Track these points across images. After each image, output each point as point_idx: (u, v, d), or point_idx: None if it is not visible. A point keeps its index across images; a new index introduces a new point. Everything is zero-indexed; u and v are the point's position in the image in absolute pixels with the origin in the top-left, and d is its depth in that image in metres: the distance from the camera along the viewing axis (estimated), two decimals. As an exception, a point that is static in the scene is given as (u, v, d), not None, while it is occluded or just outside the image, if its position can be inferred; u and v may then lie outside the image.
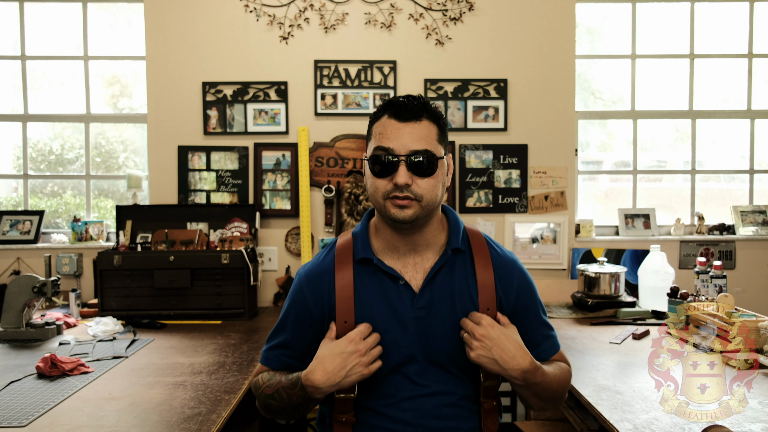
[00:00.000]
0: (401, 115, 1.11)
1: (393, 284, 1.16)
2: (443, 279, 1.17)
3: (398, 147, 1.09)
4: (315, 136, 2.98)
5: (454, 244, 1.18)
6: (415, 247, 1.18)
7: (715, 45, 3.20)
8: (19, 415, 1.42)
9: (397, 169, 1.09)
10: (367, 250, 1.18)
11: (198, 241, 2.73)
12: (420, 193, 1.10)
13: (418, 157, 1.09)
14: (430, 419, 1.15)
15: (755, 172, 3.23)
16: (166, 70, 2.96)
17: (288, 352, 1.23)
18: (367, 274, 1.18)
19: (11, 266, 2.98)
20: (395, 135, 1.10)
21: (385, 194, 1.11)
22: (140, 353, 2.00)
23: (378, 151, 1.11)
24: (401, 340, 1.15)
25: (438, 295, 1.16)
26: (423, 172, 1.10)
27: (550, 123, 3.01)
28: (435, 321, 1.15)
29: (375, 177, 1.12)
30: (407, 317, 1.15)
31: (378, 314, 1.15)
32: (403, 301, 1.15)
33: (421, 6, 2.95)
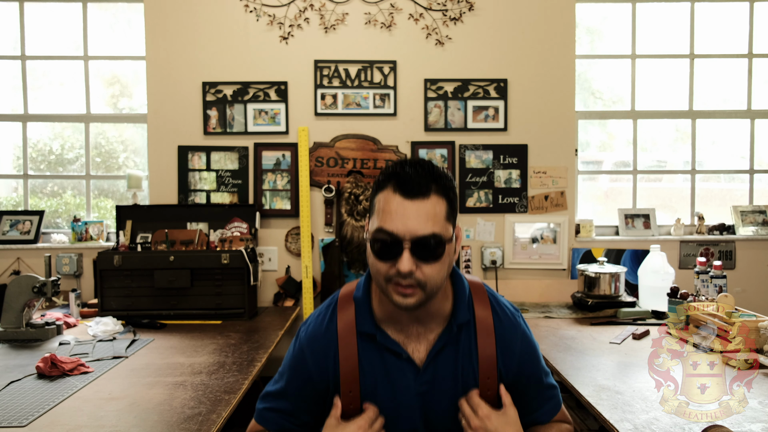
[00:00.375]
0: (407, 191, 1.00)
1: (396, 359, 1.12)
2: (447, 355, 1.13)
3: (402, 231, 0.99)
4: (315, 136, 2.98)
5: (460, 319, 1.12)
6: (418, 319, 1.13)
7: (715, 45, 3.20)
8: (19, 415, 1.42)
9: (400, 255, 0.99)
10: (370, 324, 1.13)
11: (198, 241, 2.73)
12: (424, 280, 1.01)
13: (424, 242, 0.99)
14: None
15: (755, 172, 3.23)
16: (166, 70, 2.96)
17: (287, 417, 1.19)
18: (369, 347, 1.13)
19: (11, 266, 2.98)
20: (400, 215, 1.00)
21: (387, 278, 1.02)
22: (140, 353, 2.00)
23: (380, 234, 1.01)
24: (403, 415, 1.13)
25: (441, 371, 1.12)
26: (429, 258, 1.00)
27: (550, 123, 3.01)
28: (437, 398, 1.12)
29: (377, 259, 1.03)
30: (410, 393, 1.12)
31: (381, 388, 1.12)
32: (405, 377, 1.12)
33: (421, 6, 2.95)
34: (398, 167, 1.04)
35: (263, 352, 2.02)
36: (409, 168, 1.02)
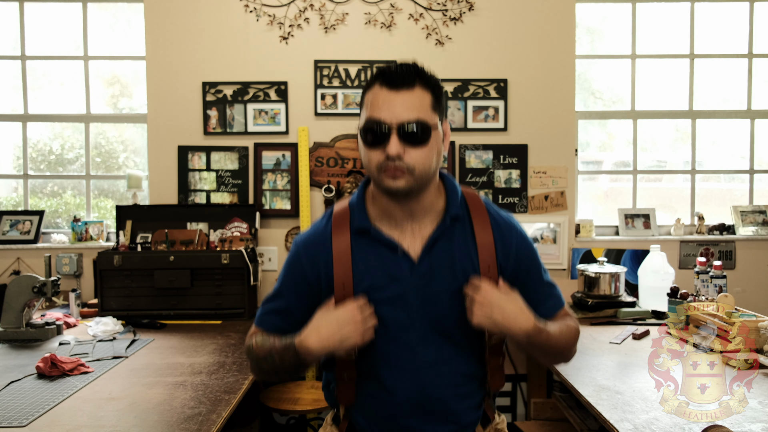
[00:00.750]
0: (392, 84, 1.09)
1: (391, 253, 1.15)
2: (442, 247, 1.16)
3: (389, 117, 1.07)
4: (315, 136, 2.98)
5: (453, 211, 1.17)
6: (412, 215, 1.16)
7: (715, 45, 3.20)
8: (19, 415, 1.42)
9: (388, 140, 1.06)
10: (364, 219, 1.17)
11: (198, 241, 2.73)
12: (412, 164, 1.08)
13: (410, 127, 1.07)
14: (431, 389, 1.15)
15: (755, 172, 3.23)
16: (166, 70, 2.96)
17: (283, 317, 1.22)
18: (364, 243, 1.17)
19: (11, 266, 2.98)
20: (386, 105, 1.08)
21: (378, 165, 1.09)
22: (140, 353, 2.00)
23: (369, 122, 1.08)
24: (401, 308, 1.15)
25: (437, 262, 1.15)
26: (415, 142, 1.07)
27: (550, 123, 3.01)
28: (435, 288, 1.15)
29: (367, 148, 1.10)
30: (406, 285, 1.14)
31: (377, 279, 1.15)
32: (402, 270, 1.15)
33: (421, 6, 2.95)
34: (385, 67, 1.13)
35: (263, 352, 2.02)
36: (395, 66, 1.12)
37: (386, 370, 1.16)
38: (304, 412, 2.39)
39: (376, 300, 1.14)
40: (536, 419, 2.85)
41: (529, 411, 2.92)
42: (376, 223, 1.18)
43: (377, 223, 1.18)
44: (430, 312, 1.15)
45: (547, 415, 2.85)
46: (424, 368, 1.15)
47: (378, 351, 1.16)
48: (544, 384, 2.91)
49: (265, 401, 2.44)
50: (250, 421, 2.63)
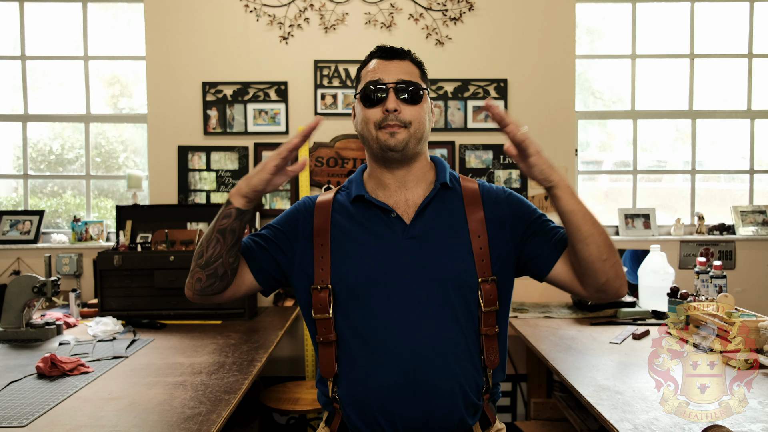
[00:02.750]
0: (387, 55, 1.24)
1: (385, 217, 1.21)
2: (434, 211, 1.22)
3: (386, 78, 1.19)
4: (315, 136, 2.98)
5: (442, 179, 1.24)
6: (404, 183, 1.23)
7: (715, 45, 3.20)
8: (19, 415, 1.42)
9: (386, 97, 1.17)
10: (361, 189, 1.24)
11: (198, 241, 2.73)
12: (408, 119, 1.17)
13: (405, 85, 1.18)
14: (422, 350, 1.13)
15: (755, 172, 3.23)
16: (166, 70, 2.96)
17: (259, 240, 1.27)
18: (360, 209, 1.23)
19: (11, 266, 2.98)
20: (383, 69, 1.21)
21: (376, 124, 1.18)
22: (140, 353, 2.00)
23: (369, 83, 1.20)
24: (390, 265, 1.16)
25: (429, 224, 1.20)
26: (410, 100, 1.19)
27: (550, 123, 3.01)
28: (428, 247, 1.18)
29: (366, 108, 1.19)
30: (397, 244, 1.18)
31: (367, 238, 1.19)
32: (394, 232, 1.19)
33: (421, 6, 2.95)
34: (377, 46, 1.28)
35: (263, 352, 2.02)
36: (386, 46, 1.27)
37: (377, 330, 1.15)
38: (304, 412, 2.39)
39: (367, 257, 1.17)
40: (536, 419, 2.85)
41: (529, 411, 2.92)
42: (372, 194, 1.24)
43: (372, 194, 1.25)
44: (421, 272, 1.16)
45: (547, 415, 2.85)
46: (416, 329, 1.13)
47: (370, 310, 1.15)
48: (544, 384, 2.91)
49: (265, 401, 2.43)
50: (250, 421, 2.63)
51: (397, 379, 1.13)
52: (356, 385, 1.16)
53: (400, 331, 1.14)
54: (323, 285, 1.18)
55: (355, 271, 1.17)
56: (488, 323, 1.19)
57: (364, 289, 1.16)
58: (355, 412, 1.16)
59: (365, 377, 1.15)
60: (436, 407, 1.13)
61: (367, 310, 1.16)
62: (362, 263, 1.17)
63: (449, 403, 1.14)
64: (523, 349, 2.98)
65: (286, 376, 2.92)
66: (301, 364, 2.96)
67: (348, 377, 1.17)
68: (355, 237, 1.20)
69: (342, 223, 1.23)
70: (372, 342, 1.15)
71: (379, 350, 1.14)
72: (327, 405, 1.24)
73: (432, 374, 1.13)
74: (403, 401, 1.13)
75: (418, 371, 1.12)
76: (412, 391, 1.13)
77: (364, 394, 1.15)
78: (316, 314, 1.18)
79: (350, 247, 1.20)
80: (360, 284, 1.16)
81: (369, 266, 1.17)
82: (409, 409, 1.13)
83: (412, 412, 1.13)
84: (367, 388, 1.15)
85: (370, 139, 1.21)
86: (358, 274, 1.17)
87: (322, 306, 1.17)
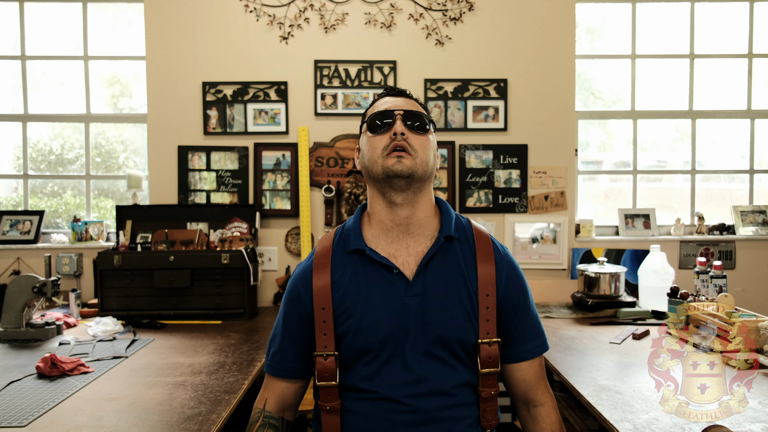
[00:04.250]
0: (394, 93, 1.27)
1: (386, 273, 1.17)
2: (437, 265, 1.18)
3: (394, 108, 1.21)
4: (315, 136, 2.98)
5: (447, 231, 1.20)
6: (408, 228, 1.19)
7: (715, 45, 3.20)
8: (19, 415, 1.42)
9: (394, 123, 1.18)
10: (359, 241, 1.20)
11: (198, 241, 2.73)
12: (415, 146, 1.17)
13: (412, 116, 1.19)
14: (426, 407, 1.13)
15: (755, 172, 3.23)
16: (166, 70, 2.96)
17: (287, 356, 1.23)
18: (360, 262, 1.19)
19: (11, 266, 2.98)
20: (390, 103, 1.23)
21: (382, 151, 1.17)
22: (140, 353, 2.00)
23: (375, 113, 1.21)
24: (393, 324, 1.14)
25: (431, 281, 1.16)
26: (417, 130, 1.19)
27: (550, 123, 3.01)
28: (431, 306, 1.15)
29: (373, 135, 1.19)
30: (400, 304, 1.15)
31: (369, 297, 1.15)
32: (396, 289, 1.16)
33: (421, 6, 2.95)
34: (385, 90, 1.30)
35: (263, 352, 2.02)
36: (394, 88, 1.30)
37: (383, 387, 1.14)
38: (305, 412, 2.39)
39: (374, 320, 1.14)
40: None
41: (529, 411, 2.92)
42: (371, 244, 1.20)
43: (372, 243, 1.20)
44: (422, 331, 1.15)
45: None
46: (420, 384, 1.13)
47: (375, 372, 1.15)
48: (544, 384, 2.91)
49: (265, 401, 2.43)
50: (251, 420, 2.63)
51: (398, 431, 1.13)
52: None
53: (402, 390, 1.13)
54: (328, 352, 1.15)
55: (362, 336, 1.15)
56: (486, 384, 1.17)
57: (372, 352, 1.14)
58: None
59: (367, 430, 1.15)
60: None
61: (372, 371, 1.15)
62: (369, 326, 1.14)
63: None
64: (523, 349, 2.97)
65: (286, 376, 2.92)
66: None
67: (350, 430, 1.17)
68: (357, 297, 1.16)
69: (342, 281, 1.18)
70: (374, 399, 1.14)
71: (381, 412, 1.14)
72: None
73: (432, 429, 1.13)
74: None
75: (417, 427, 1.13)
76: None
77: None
78: (320, 381, 1.16)
79: (354, 309, 1.16)
80: (367, 348, 1.15)
81: (375, 329, 1.14)
82: None
83: None
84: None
85: (375, 169, 1.17)
86: (365, 339, 1.14)
87: (328, 374, 1.15)
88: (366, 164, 1.20)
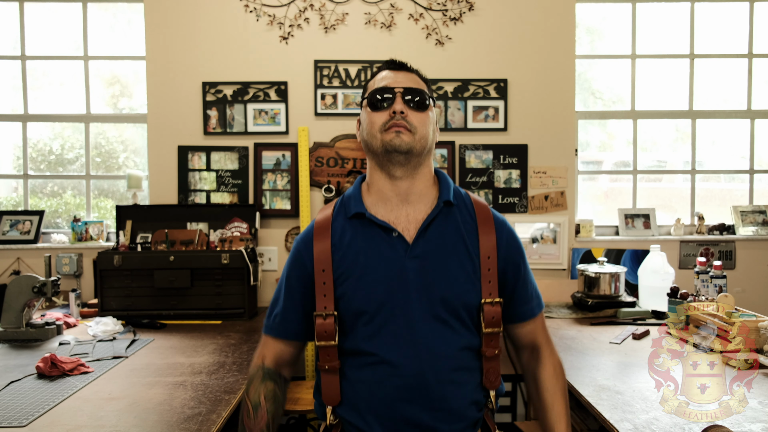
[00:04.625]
0: (395, 67, 1.26)
1: (386, 236, 1.19)
2: (437, 229, 1.20)
3: (394, 84, 1.21)
4: (315, 136, 2.98)
5: (445, 197, 1.22)
6: (407, 197, 1.21)
7: (715, 45, 3.20)
8: (19, 415, 1.42)
9: (394, 100, 1.18)
10: (360, 206, 1.22)
11: (198, 241, 2.73)
12: (414, 124, 1.18)
13: (412, 92, 1.20)
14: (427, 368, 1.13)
15: (755, 172, 3.23)
16: (166, 70, 2.96)
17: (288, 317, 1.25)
18: (360, 227, 1.21)
19: (11, 266, 2.98)
20: (391, 77, 1.23)
21: (381, 126, 1.18)
22: (140, 353, 2.00)
23: (376, 90, 1.21)
24: (392, 285, 1.15)
25: (432, 243, 1.18)
26: (417, 107, 1.19)
27: (550, 123, 3.01)
28: (431, 267, 1.16)
29: (372, 112, 1.20)
30: (400, 266, 1.16)
31: (370, 260, 1.17)
32: (396, 251, 1.17)
33: (421, 6, 2.95)
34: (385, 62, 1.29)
35: (263, 352, 2.02)
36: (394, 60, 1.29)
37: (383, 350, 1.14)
38: (304, 412, 2.39)
39: (372, 280, 1.15)
40: (536, 419, 2.85)
41: (529, 411, 2.92)
42: (371, 210, 1.22)
43: (372, 209, 1.22)
44: (423, 293, 1.15)
45: (547, 415, 2.85)
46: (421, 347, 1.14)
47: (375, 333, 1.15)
48: (544, 384, 2.91)
49: (265, 401, 2.43)
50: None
51: (401, 401, 1.13)
52: (358, 405, 1.16)
53: (403, 351, 1.14)
54: (327, 312, 1.17)
55: (360, 295, 1.16)
56: (490, 344, 1.19)
57: (369, 313, 1.15)
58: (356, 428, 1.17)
59: (368, 396, 1.15)
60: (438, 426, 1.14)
61: (371, 332, 1.15)
62: (367, 286, 1.16)
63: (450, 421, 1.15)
64: (523, 349, 2.97)
65: (286, 376, 2.92)
66: (301, 364, 2.96)
67: (350, 400, 1.18)
68: (356, 258, 1.18)
69: (342, 244, 1.20)
70: (375, 363, 1.15)
71: (382, 373, 1.14)
72: (322, 416, 1.24)
73: (434, 394, 1.13)
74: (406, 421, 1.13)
75: (419, 391, 1.13)
76: (412, 411, 1.13)
77: (368, 413, 1.15)
78: (320, 341, 1.17)
79: (353, 270, 1.17)
80: (365, 308, 1.15)
81: (373, 289, 1.15)
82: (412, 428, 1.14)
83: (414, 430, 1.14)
84: (371, 408, 1.15)
85: (374, 143, 1.19)
86: (362, 298, 1.15)
87: (327, 333, 1.17)
88: (365, 138, 1.22)
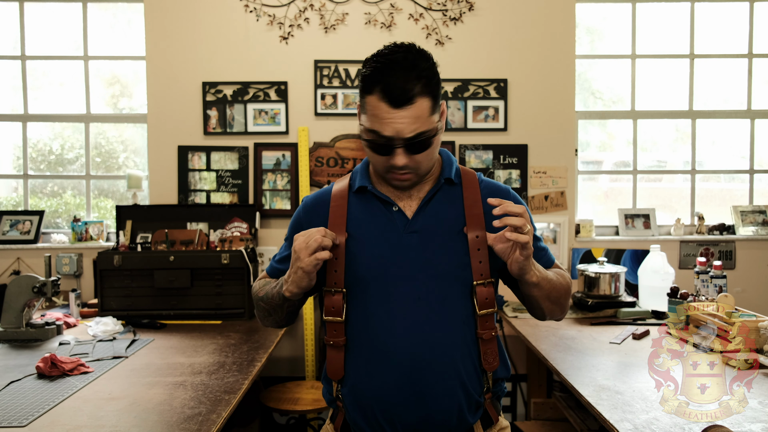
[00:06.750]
0: (393, 101, 1.06)
1: (386, 210, 1.20)
2: (437, 206, 1.20)
3: (393, 134, 1.08)
4: (315, 136, 2.98)
5: (447, 175, 1.22)
6: None
7: (715, 45, 3.20)
8: (19, 415, 1.42)
9: (393, 152, 1.11)
10: (364, 180, 1.23)
11: (198, 241, 2.73)
12: (417, 166, 1.14)
13: (413, 141, 1.09)
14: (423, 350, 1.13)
15: (755, 172, 3.23)
16: (166, 70, 2.96)
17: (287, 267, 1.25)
18: (362, 201, 1.23)
19: (11, 266, 2.98)
20: (389, 121, 1.07)
21: (384, 168, 1.15)
22: (140, 353, 2.00)
23: (373, 135, 1.11)
24: (388, 259, 1.16)
25: (431, 219, 1.19)
26: (419, 151, 1.12)
27: (550, 123, 3.01)
28: (428, 243, 1.17)
29: (372, 153, 1.15)
30: (397, 240, 1.17)
31: (368, 233, 1.19)
32: (395, 226, 1.18)
33: (421, 6, 2.95)
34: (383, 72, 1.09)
35: (263, 352, 2.02)
36: (393, 74, 1.08)
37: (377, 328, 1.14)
38: (304, 412, 2.39)
39: (369, 254, 1.17)
40: (536, 419, 2.85)
41: (529, 411, 2.92)
42: (376, 186, 1.23)
43: (377, 185, 1.23)
44: (422, 268, 1.16)
45: (547, 415, 2.85)
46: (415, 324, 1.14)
47: (372, 307, 1.16)
48: (544, 384, 2.91)
49: (265, 401, 2.43)
50: (250, 421, 2.63)
51: (397, 378, 1.13)
52: (359, 384, 1.16)
53: (400, 329, 1.14)
54: (337, 288, 1.17)
55: (354, 268, 1.17)
56: (485, 326, 1.17)
57: (363, 285, 1.16)
58: (356, 411, 1.17)
59: (367, 377, 1.15)
60: (434, 407, 1.13)
61: (369, 307, 1.16)
62: (364, 260, 1.17)
63: (448, 402, 1.14)
64: (523, 349, 2.98)
65: (286, 376, 2.92)
66: (301, 364, 2.96)
67: (352, 378, 1.18)
68: (357, 234, 1.19)
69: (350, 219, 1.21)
70: (373, 340, 1.15)
71: (379, 349, 1.14)
72: (331, 402, 1.25)
73: (431, 374, 1.13)
74: (402, 401, 1.13)
75: (417, 371, 1.13)
76: (410, 391, 1.13)
77: (366, 393, 1.15)
78: (327, 316, 1.18)
79: (354, 245, 1.18)
80: (360, 281, 1.16)
81: (369, 263, 1.16)
82: (408, 409, 1.13)
83: (410, 412, 1.13)
84: (369, 387, 1.15)
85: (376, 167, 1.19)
86: (357, 271, 1.17)
87: (335, 309, 1.17)
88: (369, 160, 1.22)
